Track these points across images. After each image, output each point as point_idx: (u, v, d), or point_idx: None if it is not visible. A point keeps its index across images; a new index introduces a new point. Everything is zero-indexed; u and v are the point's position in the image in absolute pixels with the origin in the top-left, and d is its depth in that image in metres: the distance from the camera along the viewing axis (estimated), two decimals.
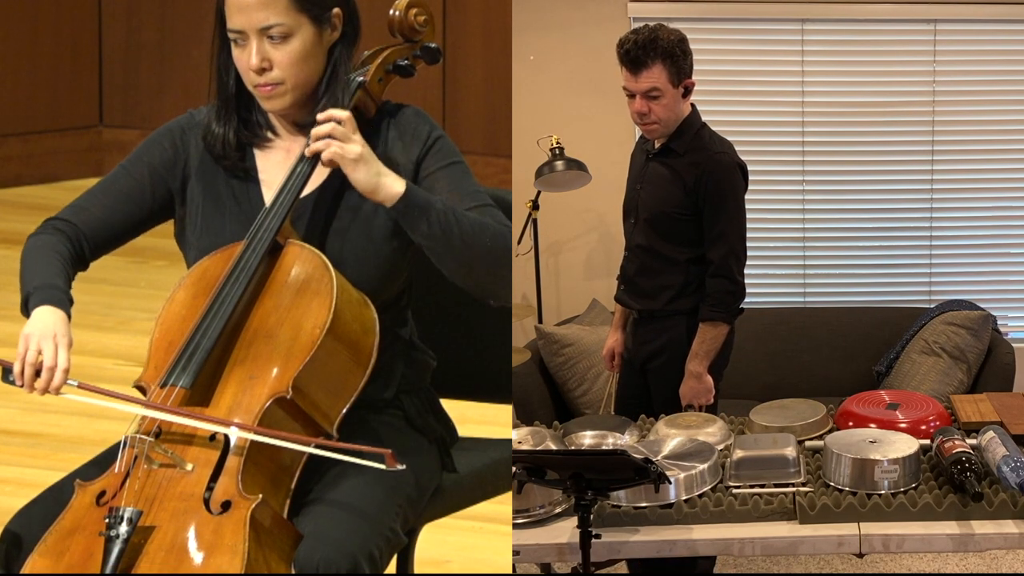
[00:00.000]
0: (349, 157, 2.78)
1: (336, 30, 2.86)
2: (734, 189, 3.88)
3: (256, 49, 2.80)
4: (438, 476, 2.98)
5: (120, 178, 2.94)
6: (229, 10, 2.81)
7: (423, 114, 2.93)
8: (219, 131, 2.90)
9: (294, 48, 2.82)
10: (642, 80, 3.79)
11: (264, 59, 2.81)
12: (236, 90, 2.89)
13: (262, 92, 2.84)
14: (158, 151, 2.95)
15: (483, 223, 2.80)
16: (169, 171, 2.94)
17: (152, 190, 2.93)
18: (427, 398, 3.00)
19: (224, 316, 2.75)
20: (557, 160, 5.13)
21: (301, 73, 2.83)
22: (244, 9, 2.79)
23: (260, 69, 2.82)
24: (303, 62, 2.83)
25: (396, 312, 2.93)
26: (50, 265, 2.83)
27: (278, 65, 2.82)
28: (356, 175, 2.78)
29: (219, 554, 2.59)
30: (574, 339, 4.99)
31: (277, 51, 2.81)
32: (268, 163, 2.93)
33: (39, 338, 2.74)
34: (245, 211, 2.89)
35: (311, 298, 2.77)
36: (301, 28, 2.81)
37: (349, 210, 2.88)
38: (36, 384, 2.74)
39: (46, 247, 2.86)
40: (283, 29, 2.80)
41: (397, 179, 2.79)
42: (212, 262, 2.84)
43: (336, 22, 2.86)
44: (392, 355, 2.91)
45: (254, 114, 2.92)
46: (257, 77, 2.82)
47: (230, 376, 2.75)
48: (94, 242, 2.91)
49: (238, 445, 2.68)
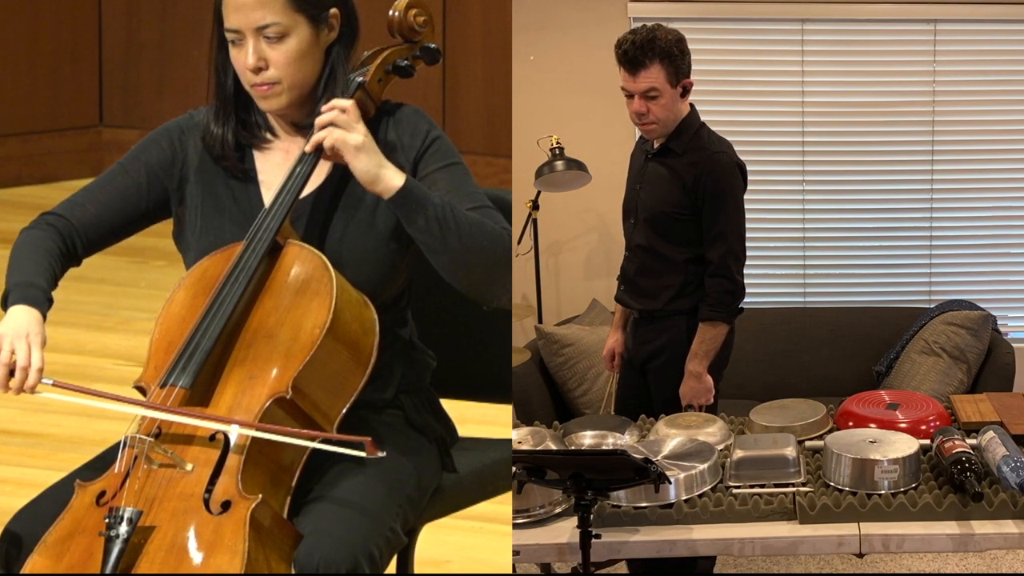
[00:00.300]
0: (351, 144, 2.78)
1: (333, 30, 2.86)
2: (733, 189, 3.88)
3: (252, 48, 2.81)
4: (438, 476, 2.98)
5: (117, 176, 2.94)
6: (226, 9, 2.82)
7: (422, 114, 2.93)
8: (217, 132, 2.90)
9: (290, 47, 2.82)
10: (640, 80, 3.79)
11: (260, 58, 2.81)
12: (234, 91, 2.89)
13: (259, 92, 2.84)
14: (155, 150, 2.95)
15: (481, 223, 2.80)
16: (166, 171, 2.94)
17: (148, 189, 2.93)
18: (427, 398, 3.00)
19: (224, 316, 2.75)
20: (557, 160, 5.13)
21: (298, 73, 2.83)
22: (240, 8, 2.80)
23: (256, 68, 2.82)
24: (299, 61, 2.83)
25: (396, 312, 2.93)
26: (34, 262, 2.83)
27: (274, 64, 2.82)
28: (357, 164, 2.78)
29: (219, 554, 2.59)
30: (574, 339, 4.99)
31: (273, 50, 2.81)
32: (267, 164, 2.93)
33: (12, 338, 2.74)
34: (244, 212, 2.89)
35: (311, 298, 2.77)
36: (297, 27, 2.82)
37: (348, 211, 2.88)
38: (11, 384, 2.73)
39: (34, 243, 2.86)
40: (279, 28, 2.80)
41: (397, 172, 2.78)
42: (212, 262, 2.84)
43: (333, 22, 2.86)
44: (392, 355, 2.91)
45: (253, 115, 2.92)
46: (254, 76, 2.83)
47: (230, 376, 2.75)
48: (87, 238, 2.90)
49: (238, 445, 2.68)
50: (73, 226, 2.89)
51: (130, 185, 2.93)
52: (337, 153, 2.79)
